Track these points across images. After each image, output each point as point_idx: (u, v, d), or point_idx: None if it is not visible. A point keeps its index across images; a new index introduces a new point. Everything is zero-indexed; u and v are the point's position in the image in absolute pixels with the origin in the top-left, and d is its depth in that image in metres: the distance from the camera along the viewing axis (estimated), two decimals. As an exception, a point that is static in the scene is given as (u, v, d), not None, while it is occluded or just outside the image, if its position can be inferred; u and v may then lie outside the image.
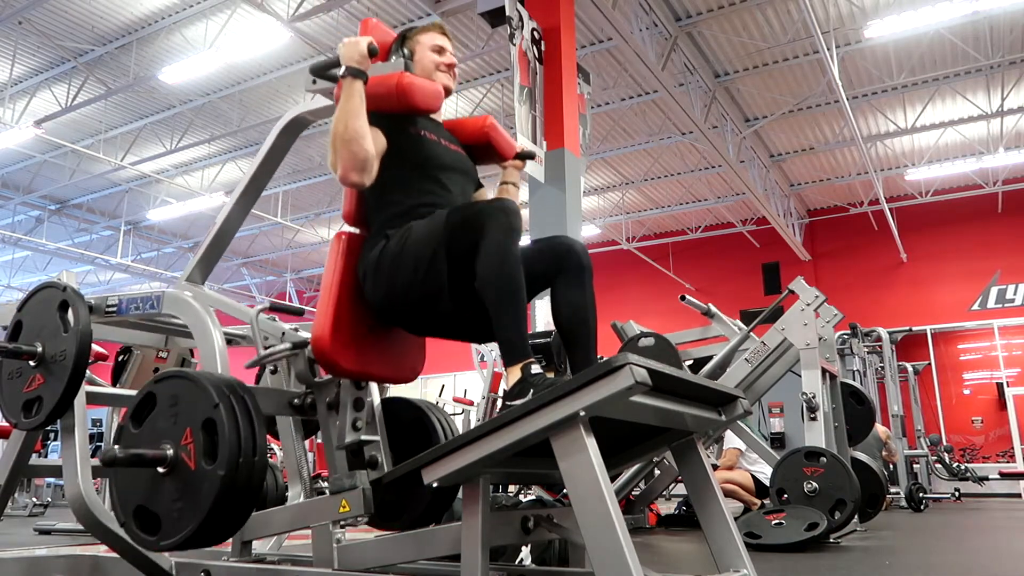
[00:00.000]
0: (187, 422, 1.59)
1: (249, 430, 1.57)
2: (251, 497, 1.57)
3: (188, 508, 1.53)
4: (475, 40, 8.89)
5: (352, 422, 1.89)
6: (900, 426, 9.04)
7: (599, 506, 1.25)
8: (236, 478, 1.51)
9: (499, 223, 1.67)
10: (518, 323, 1.66)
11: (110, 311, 2.20)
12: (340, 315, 1.84)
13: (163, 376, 1.68)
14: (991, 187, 12.28)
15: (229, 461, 1.51)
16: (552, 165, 5.64)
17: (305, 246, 16.05)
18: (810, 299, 4.64)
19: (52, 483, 9.47)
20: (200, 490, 1.52)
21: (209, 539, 1.55)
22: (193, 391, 1.61)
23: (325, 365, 1.83)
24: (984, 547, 3.85)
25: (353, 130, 1.75)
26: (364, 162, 1.78)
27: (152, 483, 1.59)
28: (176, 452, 1.57)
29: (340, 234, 1.93)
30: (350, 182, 1.80)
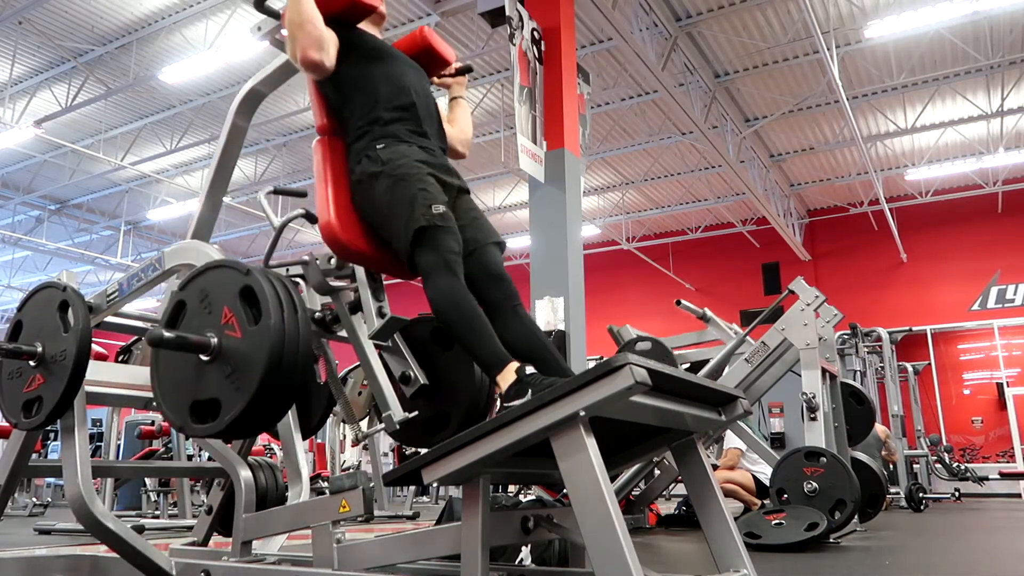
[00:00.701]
0: (223, 302, 1.62)
1: (285, 288, 1.60)
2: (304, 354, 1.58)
3: (243, 377, 1.55)
4: (475, 40, 8.89)
5: (376, 309, 1.93)
6: (900, 426, 9.04)
7: (599, 506, 1.25)
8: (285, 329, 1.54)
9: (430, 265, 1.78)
10: (484, 342, 1.73)
11: (112, 298, 2.20)
12: (341, 201, 1.92)
13: (187, 279, 1.71)
14: (991, 187, 12.28)
15: (275, 313, 1.54)
16: (552, 165, 5.64)
17: (305, 245, 16.05)
18: (810, 299, 4.64)
19: (52, 483, 9.48)
20: (251, 354, 1.54)
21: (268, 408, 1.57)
22: (221, 274, 1.65)
23: (339, 247, 1.88)
24: (984, 547, 3.85)
25: (305, 12, 1.91)
26: (319, 39, 1.92)
27: (200, 374, 1.62)
28: (219, 335, 1.60)
29: (322, 138, 2.02)
30: (310, 59, 1.92)
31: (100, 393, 2.46)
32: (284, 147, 11.83)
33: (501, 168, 11.73)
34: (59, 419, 2.04)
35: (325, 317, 2.04)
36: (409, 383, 1.98)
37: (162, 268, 2.14)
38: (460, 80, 2.35)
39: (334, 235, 1.86)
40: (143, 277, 2.17)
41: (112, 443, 5.90)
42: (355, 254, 1.90)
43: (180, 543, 2.30)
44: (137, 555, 1.94)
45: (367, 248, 1.91)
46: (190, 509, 5.85)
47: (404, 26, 8.61)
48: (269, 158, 12.20)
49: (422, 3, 8.16)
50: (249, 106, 2.38)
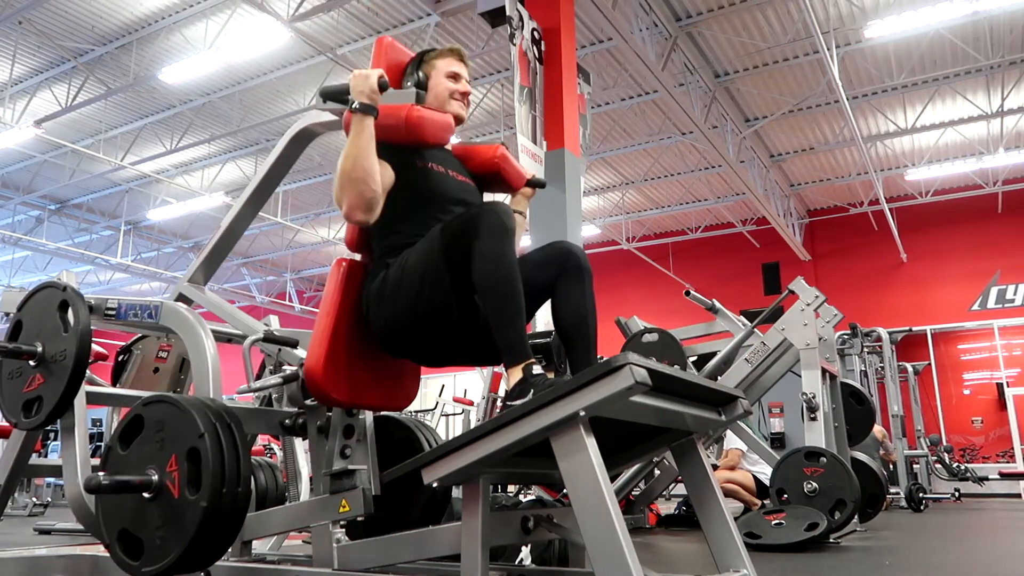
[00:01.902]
0: (173, 449, 1.60)
1: (234, 460, 1.57)
2: (234, 526, 1.58)
3: (171, 536, 1.54)
4: (475, 40, 8.89)
5: (341, 449, 1.90)
6: (900, 426, 9.03)
7: (599, 506, 1.25)
8: (219, 508, 1.52)
9: (490, 224, 1.66)
10: (517, 324, 1.65)
11: (109, 314, 2.20)
12: (336, 345, 1.82)
13: (151, 400, 1.69)
14: (991, 187, 12.28)
15: (212, 491, 1.52)
16: (552, 165, 5.64)
17: (305, 246, 16.05)
18: (810, 299, 4.64)
19: (52, 483, 9.47)
20: (183, 519, 1.53)
21: (191, 566, 1.56)
22: (180, 418, 1.62)
23: (317, 396, 1.82)
24: (984, 547, 3.85)
25: (362, 169, 1.72)
26: (371, 201, 1.76)
27: (137, 508, 1.60)
28: (161, 478, 1.58)
29: (340, 260, 1.91)
30: (355, 220, 1.79)
31: (100, 393, 2.46)
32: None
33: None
34: (59, 419, 2.04)
35: (294, 424, 2.02)
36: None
37: (156, 319, 2.15)
38: (526, 193, 2.16)
39: (315, 382, 1.79)
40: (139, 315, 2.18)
41: (112, 443, 5.89)
42: (331, 401, 1.85)
43: (180, 543, 2.29)
44: (137, 555, 1.94)
45: (346, 397, 1.85)
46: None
47: (404, 26, 8.62)
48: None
49: (422, 3, 8.16)
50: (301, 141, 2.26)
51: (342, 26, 8.65)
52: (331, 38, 8.69)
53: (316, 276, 18.08)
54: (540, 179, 2.17)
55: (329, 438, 1.90)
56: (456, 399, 9.37)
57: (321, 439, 1.92)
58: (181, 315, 2.11)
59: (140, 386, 4.06)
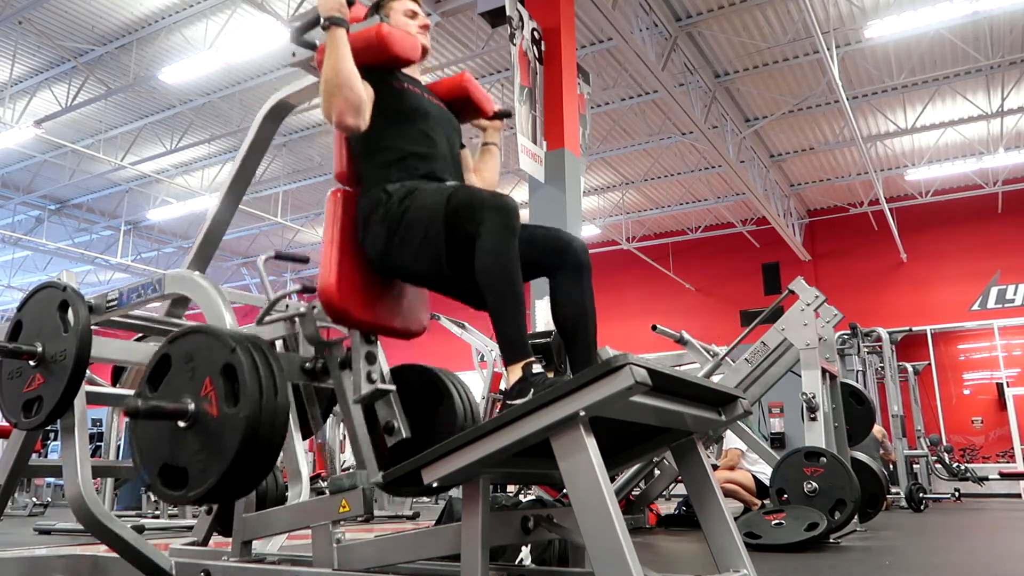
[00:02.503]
0: (205, 372, 1.59)
1: (269, 371, 1.57)
2: (276, 441, 1.56)
3: (213, 456, 1.53)
4: (475, 40, 8.90)
5: (366, 375, 1.91)
6: (900, 426, 9.03)
7: (599, 506, 1.25)
8: (260, 419, 1.51)
9: (496, 224, 1.68)
10: (517, 323, 1.66)
11: (111, 305, 2.19)
12: (344, 265, 1.88)
13: (176, 335, 1.68)
14: (991, 187, 12.29)
15: (252, 401, 1.51)
16: (552, 165, 5.64)
17: (305, 246, 16.05)
18: (810, 299, 4.64)
19: (52, 483, 9.47)
20: (224, 436, 1.52)
21: (235, 487, 1.55)
22: (208, 342, 1.62)
23: (335, 314, 1.85)
24: (984, 547, 3.85)
25: (344, 74, 1.82)
26: (357, 104, 1.84)
27: (174, 439, 1.59)
28: (197, 404, 1.57)
29: (336, 191, 1.97)
30: (346, 125, 1.86)
31: (100, 393, 2.46)
32: (284, 147, 11.83)
33: (501, 168, 11.69)
34: (59, 419, 2.04)
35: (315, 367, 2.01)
36: (392, 433, 1.96)
37: (160, 291, 2.13)
38: (496, 125, 2.27)
39: (331, 302, 1.83)
40: (142, 294, 2.16)
41: (112, 443, 5.91)
42: (351, 322, 1.87)
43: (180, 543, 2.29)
44: (137, 555, 1.94)
45: (364, 315, 1.88)
46: (190, 509, 5.85)
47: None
48: (269, 158, 12.19)
49: (422, 2, 8.15)
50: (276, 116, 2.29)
51: (342, 26, 8.65)
52: (331, 38, 8.68)
53: (316, 276, 18.06)
54: (507, 109, 2.28)
55: (353, 365, 1.91)
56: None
57: (345, 374, 1.93)
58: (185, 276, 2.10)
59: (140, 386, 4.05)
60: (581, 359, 1.81)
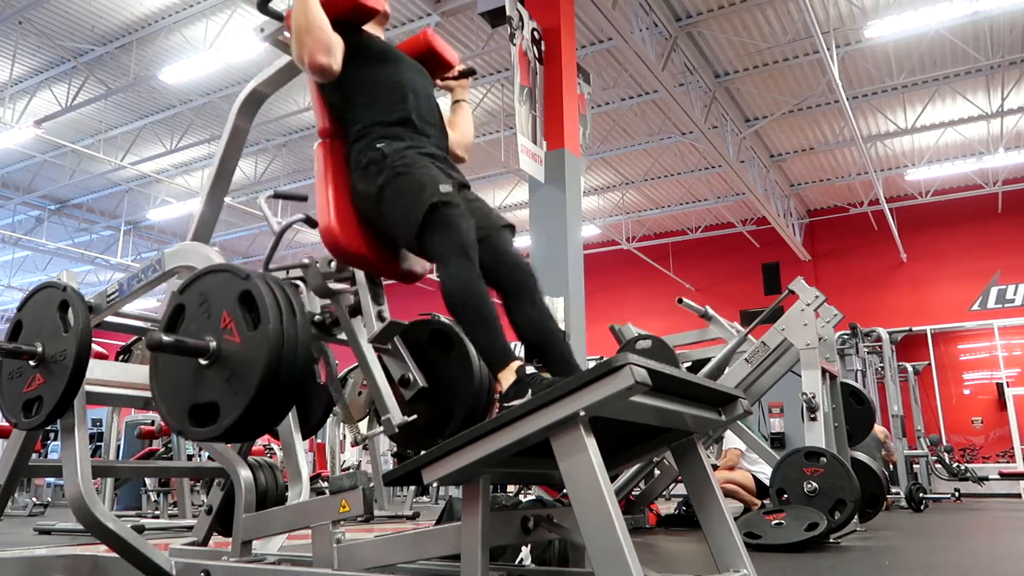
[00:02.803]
0: (222, 306, 1.61)
1: (284, 294, 1.59)
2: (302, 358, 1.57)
3: (241, 381, 1.54)
4: (475, 40, 8.89)
5: (376, 313, 1.93)
6: (900, 426, 9.04)
7: (599, 506, 1.25)
8: (284, 334, 1.53)
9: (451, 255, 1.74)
10: (492, 334, 1.70)
11: (112, 299, 2.19)
12: (341, 204, 1.91)
13: (187, 282, 1.71)
14: (991, 187, 12.28)
15: (274, 318, 1.53)
16: (552, 165, 5.64)
17: (305, 246, 16.04)
18: (810, 299, 4.63)
19: (52, 483, 9.47)
20: (250, 359, 1.54)
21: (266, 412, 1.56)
22: (220, 278, 1.64)
23: (339, 251, 1.87)
24: (984, 547, 3.85)
25: (312, 16, 1.90)
26: (328, 44, 1.92)
27: (198, 378, 1.61)
28: (218, 339, 1.60)
29: (323, 142, 2.02)
30: (318, 64, 1.91)
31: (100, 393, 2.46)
32: (284, 147, 11.83)
33: (501, 168, 11.73)
34: (59, 419, 2.04)
35: (325, 320, 2.04)
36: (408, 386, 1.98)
37: (162, 269, 2.13)
38: (463, 83, 2.35)
39: (334, 239, 1.86)
40: (143, 278, 2.16)
41: (112, 443, 5.90)
42: (355, 258, 1.90)
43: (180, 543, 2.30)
44: (137, 555, 1.94)
45: (367, 252, 1.91)
46: (190, 509, 5.85)
47: (404, 26, 8.61)
48: (269, 158, 12.20)
49: (422, 3, 8.16)
50: (251, 107, 2.37)
51: (342, 26, 8.65)
52: (331, 38, 8.69)
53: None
54: (470, 67, 2.36)
55: (363, 307, 1.94)
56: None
57: (356, 320, 1.95)
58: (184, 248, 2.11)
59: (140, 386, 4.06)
60: (560, 365, 1.81)
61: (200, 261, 2.02)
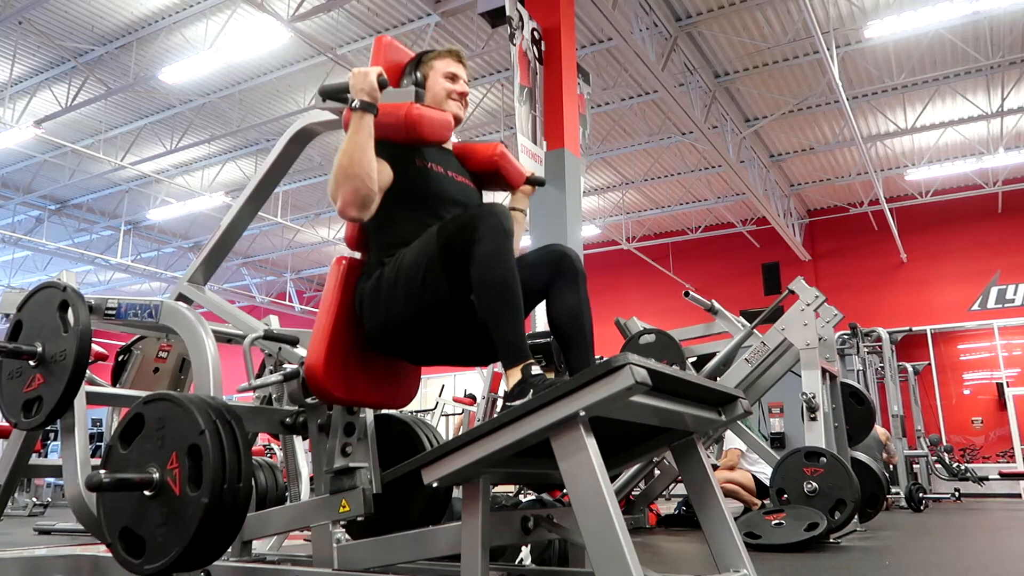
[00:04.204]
0: (173, 446, 1.59)
1: (235, 457, 1.57)
2: (235, 523, 1.57)
3: (172, 533, 1.54)
4: (475, 40, 8.89)
5: (342, 447, 1.89)
6: (900, 426, 9.03)
7: (599, 506, 1.25)
8: (220, 505, 1.52)
9: (489, 226, 1.66)
10: (515, 325, 1.65)
11: (109, 313, 2.20)
12: (335, 342, 1.82)
13: (151, 398, 1.69)
14: (991, 187, 12.28)
15: (213, 488, 1.51)
16: (552, 165, 5.64)
17: (305, 246, 16.04)
18: (810, 299, 4.63)
19: (52, 483, 9.47)
20: (184, 516, 1.53)
21: (193, 563, 1.56)
22: (180, 416, 1.61)
23: (318, 393, 1.82)
24: (984, 547, 3.85)
25: (359, 165, 1.72)
26: (365, 199, 1.75)
27: (138, 505, 1.60)
28: (162, 476, 1.58)
29: (340, 259, 1.91)
30: (348, 217, 1.78)
31: (100, 393, 2.46)
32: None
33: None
34: (59, 419, 2.04)
35: (295, 423, 2.02)
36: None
37: (156, 319, 2.15)
38: (527, 190, 2.15)
39: (315, 380, 1.79)
40: (139, 315, 2.18)
41: (112, 443, 5.90)
42: (332, 399, 1.85)
43: (180, 543, 2.29)
44: (137, 555, 1.94)
45: (345, 395, 1.85)
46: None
47: (404, 26, 8.62)
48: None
49: (422, 3, 8.16)
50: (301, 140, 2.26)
51: (342, 26, 8.65)
52: (331, 38, 8.69)
53: (316, 276, 18.07)
54: (540, 177, 2.16)
55: (330, 436, 1.90)
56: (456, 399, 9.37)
57: (322, 437, 1.92)
58: (181, 314, 2.10)
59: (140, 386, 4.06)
60: (579, 363, 1.80)
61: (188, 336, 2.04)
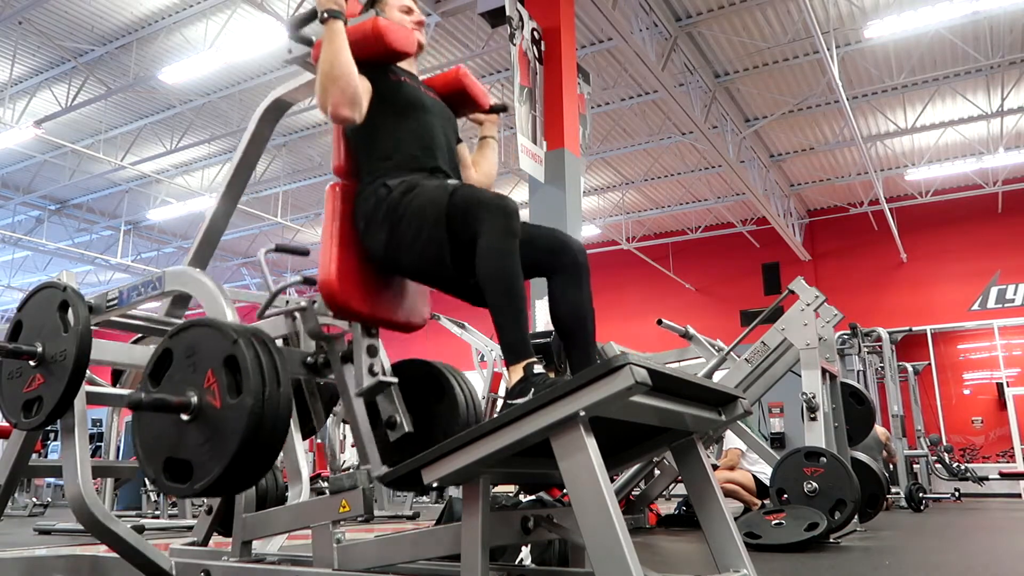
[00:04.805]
0: (207, 364, 1.59)
1: (271, 361, 1.57)
2: (280, 431, 1.56)
3: (217, 447, 1.53)
4: (475, 40, 8.90)
5: (368, 367, 1.91)
6: (900, 426, 9.03)
7: (599, 506, 1.25)
8: (264, 409, 1.51)
9: (497, 225, 1.69)
10: (518, 324, 1.67)
11: (111, 304, 2.19)
12: (344, 258, 1.88)
13: (177, 329, 1.68)
14: (991, 187, 12.28)
15: (255, 392, 1.51)
16: (552, 165, 5.64)
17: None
18: (810, 299, 4.63)
19: (52, 483, 9.48)
20: (228, 426, 1.52)
21: (239, 478, 1.55)
22: (210, 335, 1.61)
23: (335, 307, 1.85)
24: (984, 547, 3.85)
25: (340, 66, 1.83)
26: (353, 96, 1.85)
27: (178, 432, 1.59)
28: (200, 396, 1.58)
29: (334, 185, 1.98)
30: (341, 117, 1.86)
31: (100, 393, 2.46)
32: (284, 147, 11.83)
33: (501, 168, 11.73)
34: (59, 419, 2.04)
35: (317, 362, 2.01)
36: (394, 428, 1.96)
37: (161, 288, 2.13)
38: (492, 119, 2.29)
39: (332, 294, 1.83)
40: (143, 292, 2.17)
41: (112, 443, 5.91)
42: (351, 314, 1.87)
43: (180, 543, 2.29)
44: (137, 555, 1.94)
45: (365, 308, 1.88)
46: (190, 509, 5.85)
47: (404, 26, 8.61)
48: (270, 158, 12.20)
49: (422, 3, 8.16)
50: (273, 115, 2.32)
51: (342, 26, 8.65)
52: (331, 38, 8.68)
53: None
54: (502, 103, 2.30)
55: (355, 358, 1.91)
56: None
57: (346, 368, 1.93)
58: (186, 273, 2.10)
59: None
60: (580, 360, 1.81)
61: (198, 291, 2.02)
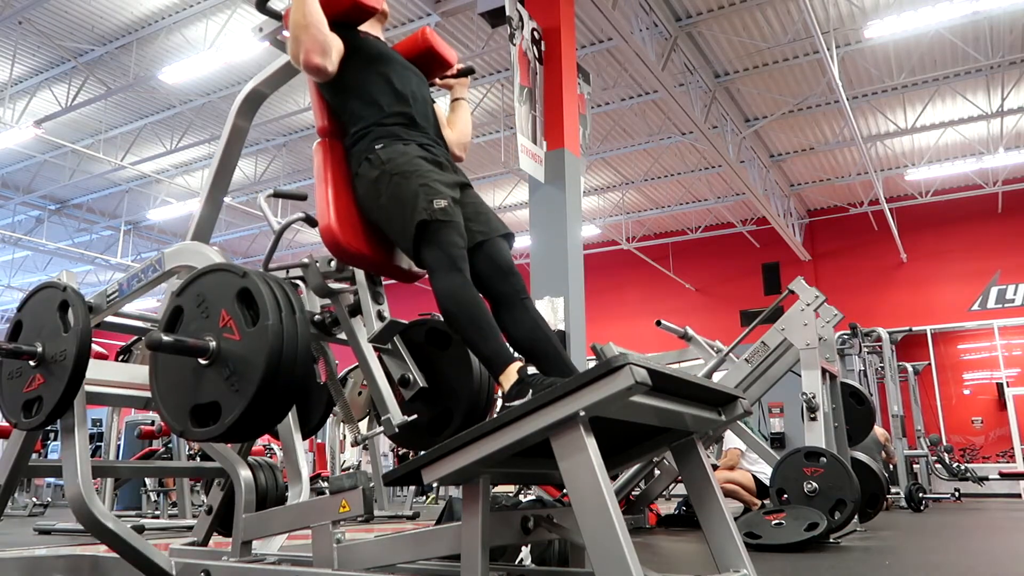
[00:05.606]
0: (220, 306, 1.61)
1: (283, 290, 1.59)
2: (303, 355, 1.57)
3: (243, 378, 1.54)
4: (475, 40, 8.89)
5: (376, 313, 1.93)
6: (900, 426, 9.03)
7: (599, 506, 1.25)
8: (284, 331, 1.53)
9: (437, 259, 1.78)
10: (488, 340, 1.73)
11: (112, 299, 2.20)
12: (341, 205, 1.92)
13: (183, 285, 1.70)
14: (991, 187, 12.28)
15: (274, 313, 1.53)
16: (552, 165, 5.64)
17: (305, 246, 16.04)
18: (810, 299, 4.63)
19: (52, 483, 9.48)
20: (251, 355, 1.54)
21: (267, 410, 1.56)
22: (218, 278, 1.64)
23: (339, 250, 1.88)
24: (984, 547, 3.85)
25: (309, 15, 1.91)
26: (324, 44, 1.93)
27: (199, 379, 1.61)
28: (217, 338, 1.59)
29: (323, 141, 2.03)
30: (313, 64, 1.93)
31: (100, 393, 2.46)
32: (284, 147, 11.83)
33: (501, 168, 11.73)
34: (59, 419, 2.04)
35: (324, 319, 2.05)
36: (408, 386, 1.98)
37: (162, 269, 2.14)
38: (462, 82, 2.36)
39: (334, 238, 1.86)
40: (143, 278, 2.17)
41: (112, 443, 5.91)
42: (354, 257, 1.90)
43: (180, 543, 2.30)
44: (137, 555, 1.94)
45: (367, 251, 1.91)
46: (190, 509, 5.86)
47: (404, 26, 8.61)
48: (269, 158, 12.20)
49: (422, 3, 8.15)
50: (250, 106, 2.38)
51: (342, 26, 8.65)
52: (331, 38, 8.69)
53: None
54: (469, 66, 2.38)
55: (363, 306, 1.94)
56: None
57: (355, 319, 1.96)
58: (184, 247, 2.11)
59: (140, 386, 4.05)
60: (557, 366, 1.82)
61: (199, 260, 2.02)
